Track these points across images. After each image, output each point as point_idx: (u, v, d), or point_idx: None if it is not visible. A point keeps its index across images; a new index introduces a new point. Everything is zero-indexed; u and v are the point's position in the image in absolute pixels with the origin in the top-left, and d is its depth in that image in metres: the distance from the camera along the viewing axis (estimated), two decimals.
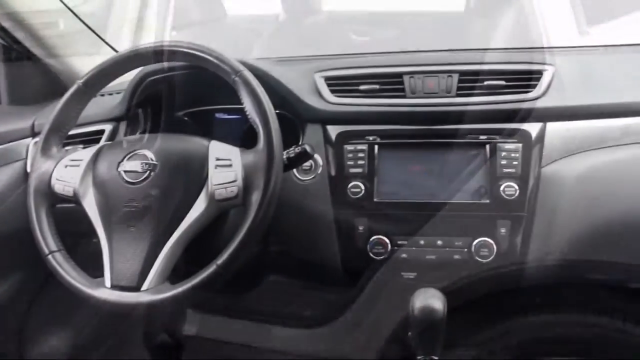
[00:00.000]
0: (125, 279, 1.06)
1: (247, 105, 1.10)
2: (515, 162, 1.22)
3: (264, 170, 1.05)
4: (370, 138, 1.27)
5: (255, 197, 1.05)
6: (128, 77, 1.34)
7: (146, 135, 1.35)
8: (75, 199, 1.14)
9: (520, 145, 1.22)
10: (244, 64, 1.14)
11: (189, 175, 1.10)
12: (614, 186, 1.20)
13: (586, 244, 1.21)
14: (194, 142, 1.14)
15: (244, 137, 1.42)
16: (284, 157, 1.14)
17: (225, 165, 1.09)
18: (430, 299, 1.13)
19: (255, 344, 1.97)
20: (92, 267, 1.12)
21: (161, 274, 1.07)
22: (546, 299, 1.36)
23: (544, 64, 1.30)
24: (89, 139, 1.38)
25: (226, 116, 1.50)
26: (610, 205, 1.20)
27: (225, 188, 1.08)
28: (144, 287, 1.05)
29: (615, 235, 1.21)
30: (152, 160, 1.11)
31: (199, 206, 1.08)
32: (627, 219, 1.20)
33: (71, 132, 1.25)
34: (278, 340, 1.94)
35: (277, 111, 1.33)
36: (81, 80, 1.19)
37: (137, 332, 1.85)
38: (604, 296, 1.47)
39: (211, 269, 1.03)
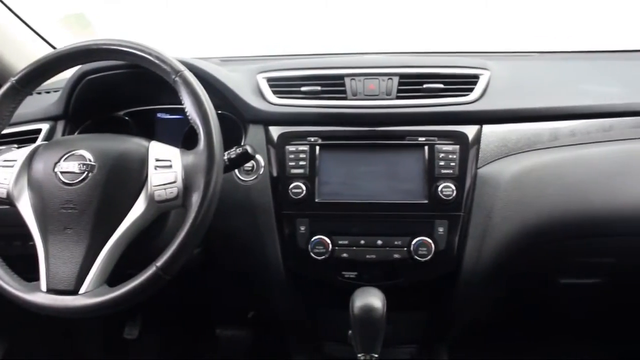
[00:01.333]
0: (62, 282, 1.04)
1: (188, 105, 1.09)
2: (452, 164, 1.25)
3: (204, 171, 1.04)
4: (312, 139, 1.28)
5: (195, 198, 1.04)
6: (66, 75, 1.31)
7: (84, 135, 1.33)
8: (9, 201, 1.10)
9: (457, 147, 1.25)
10: (185, 63, 1.13)
11: (128, 176, 1.08)
12: (543, 187, 1.25)
13: (518, 242, 1.25)
14: (133, 143, 1.12)
15: (187, 138, 1.41)
16: (225, 158, 1.14)
17: (165, 166, 1.08)
18: (369, 298, 1.15)
19: (198, 347, 1.97)
20: (27, 271, 1.09)
21: (99, 277, 1.04)
22: (483, 295, 1.40)
23: (480, 68, 1.34)
24: (24, 139, 1.34)
25: (168, 116, 1.48)
26: (539, 206, 1.25)
27: (165, 189, 1.06)
28: (82, 290, 1.03)
29: (543, 235, 1.26)
30: (90, 160, 1.08)
31: (138, 208, 1.07)
32: (554, 219, 1.25)
33: (5, 132, 1.21)
34: (222, 341, 1.93)
35: (219, 112, 1.33)
36: (15, 78, 1.15)
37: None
38: (536, 290, 1.53)
39: (151, 271, 1.01)
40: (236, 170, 1.31)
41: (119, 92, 1.39)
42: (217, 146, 1.06)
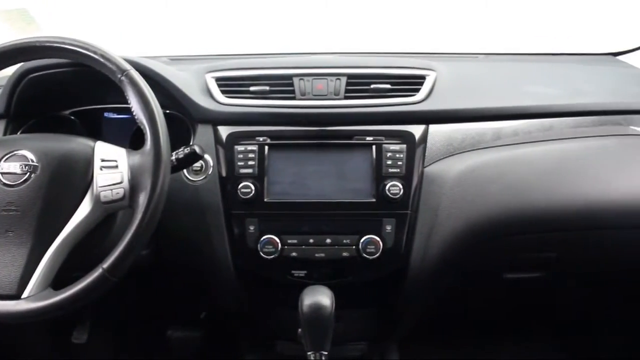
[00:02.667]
0: (3, 286, 1.01)
1: (134, 105, 1.08)
2: (399, 163, 1.27)
3: (150, 171, 1.03)
4: (261, 139, 1.28)
5: (142, 199, 1.03)
6: (7, 72, 1.27)
7: (27, 135, 1.30)
8: None
9: (404, 146, 1.28)
10: (131, 62, 1.12)
11: (72, 177, 1.06)
12: (487, 185, 1.28)
13: (463, 238, 1.29)
14: (78, 143, 1.10)
15: (135, 137, 1.39)
16: (173, 158, 1.13)
17: (111, 167, 1.07)
18: (318, 296, 1.16)
19: (149, 349, 1.94)
20: None
21: (43, 280, 1.02)
22: (431, 292, 1.43)
23: (426, 69, 1.37)
24: None
25: (115, 116, 1.46)
26: (482, 203, 1.28)
27: (111, 190, 1.05)
28: (25, 294, 1.00)
29: (487, 231, 1.30)
30: (32, 161, 1.06)
31: (83, 209, 1.05)
32: (497, 215, 1.29)
33: None
34: (173, 343, 1.92)
35: (168, 111, 1.33)
36: None
37: None
38: (482, 286, 1.58)
39: (97, 273, 1.00)
40: (185, 170, 1.30)
41: (64, 91, 1.36)
42: (164, 146, 1.05)
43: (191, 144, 1.28)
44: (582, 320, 1.96)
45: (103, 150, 1.09)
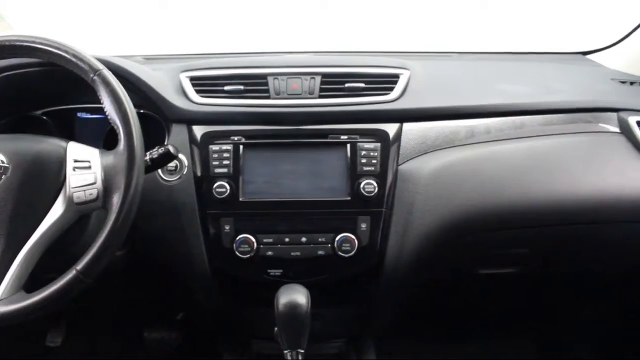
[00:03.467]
0: None
1: (107, 105, 1.07)
2: (374, 161, 1.28)
3: (124, 171, 1.02)
4: (235, 138, 1.28)
5: (116, 200, 1.02)
6: None
7: None
8: None
9: (378, 144, 1.29)
10: (104, 62, 1.11)
11: (44, 178, 1.05)
12: (461, 182, 1.30)
13: (438, 235, 1.30)
14: (50, 143, 1.09)
15: (109, 138, 1.38)
16: (147, 158, 1.13)
17: (84, 167, 1.06)
18: (294, 295, 1.16)
19: (126, 350, 1.93)
20: None
21: (15, 283, 1.01)
22: (407, 288, 1.44)
23: (400, 68, 1.38)
24: None
25: (89, 116, 1.44)
26: (456, 200, 1.30)
27: (84, 191, 1.04)
28: None
29: (461, 228, 1.31)
30: (3, 162, 1.04)
31: (56, 210, 1.04)
32: (471, 212, 1.30)
33: None
34: (150, 344, 1.91)
35: (142, 111, 1.33)
36: None
37: None
38: (457, 281, 1.60)
39: (70, 274, 0.98)
40: (159, 170, 1.29)
41: (36, 90, 1.34)
42: (138, 146, 1.04)
43: (165, 143, 1.27)
44: (554, 316, 1.99)
45: (76, 151, 1.08)
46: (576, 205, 1.32)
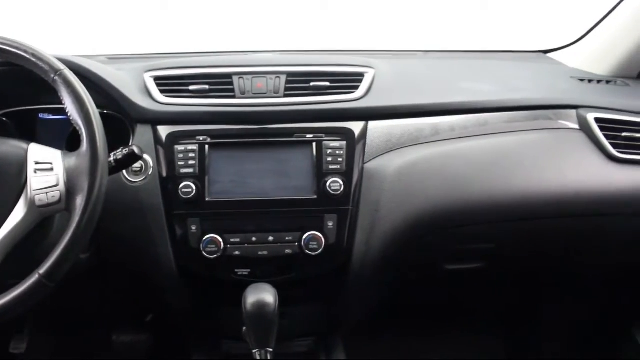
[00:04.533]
0: None
1: (69, 106, 1.05)
2: (340, 159, 1.28)
3: (87, 173, 1.01)
4: (201, 138, 1.28)
5: (80, 202, 1.01)
6: None
7: None
8: None
9: (344, 143, 1.29)
10: (65, 61, 1.10)
11: (4, 181, 1.03)
12: (426, 179, 1.32)
13: (405, 232, 1.31)
14: (10, 145, 1.07)
15: (72, 139, 1.36)
16: (112, 159, 1.11)
17: (46, 169, 1.04)
18: (261, 294, 1.16)
19: (94, 355, 1.90)
20: None
21: None
22: (374, 285, 1.45)
23: (365, 66, 1.39)
24: None
25: (51, 117, 1.42)
26: (422, 197, 1.31)
27: (47, 193, 1.03)
28: None
29: (428, 224, 1.33)
30: None
31: (17, 213, 1.02)
32: (436, 209, 1.32)
33: None
34: (119, 347, 1.88)
35: (105, 112, 1.31)
36: None
37: None
38: (425, 277, 1.61)
39: (33, 279, 0.97)
40: (124, 171, 1.28)
41: None
42: (101, 147, 1.03)
43: (130, 144, 1.26)
44: (521, 312, 2.03)
45: (37, 153, 1.06)
46: (539, 200, 1.35)
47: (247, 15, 1.99)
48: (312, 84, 1.33)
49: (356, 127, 1.32)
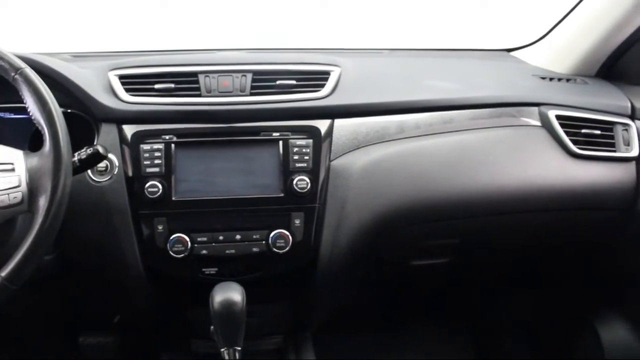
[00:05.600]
0: None
1: (30, 105, 1.04)
2: (306, 157, 1.29)
3: (50, 173, 1.00)
4: (167, 137, 1.27)
5: (43, 202, 0.99)
6: None
7: None
8: None
9: (310, 141, 1.30)
10: (26, 60, 1.08)
11: None
12: (391, 176, 1.33)
13: (371, 228, 1.33)
14: None
15: (35, 138, 1.34)
16: (75, 158, 1.10)
17: (7, 170, 1.02)
18: (228, 292, 1.16)
19: (61, 357, 1.88)
20: None
21: None
22: (342, 282, 1.47)
23: (331, 65, 1.39)
24: None
25: (12, 116, 1.39)
26: (388, 194, 1.33)
27: (8, 194, 1.01)
28: None
29: (393, 221, 1.35)
30: None
31: None
32: (402, 205, 1.34)
33: None
34: (86, 349, 1.86)
35: (69, 110, 1.29)
36: None
37: None
38: (391, 273, 1.63)
39: None
40: (89, 171, 1.26)
41: None
42: (64, 147, 1.02)
43: (95, 143, 1.25)
44: (485, 304, 2.06)
45: None
46: (501, 196, 1.38)
47: (214, 13, 1.98)
48: (278, 82, 1.33)
49: (322, 125, 1.32)
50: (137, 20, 1.97)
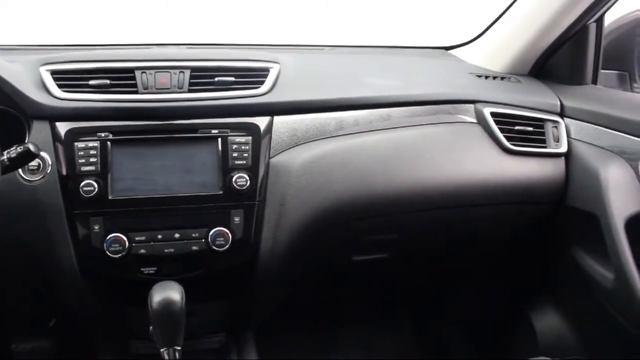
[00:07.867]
0: None
1: None
2: (245, 154, 1.29)
3: None
4: (102, 135, 1.24)
5: None
6: None
7: None
8: None
9: (250, 138, 1.29)
10: None
11: None
12: (331, 173, 1.34)
13: (311, 225, 1.34)
14: None
15: None
16: (5, 157, 1.06)
17: None
18: (167, 292, 1.15)
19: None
20: None
21: None
22: (283, 279, 1.47)
23: (270, 61, 1.39)
24: None
25: None
26: (327, 190, 1.34)
27: None
28: None
29: (333, 217, 1.36)
30: None
31: None
32: (341, 201, 1.35)
33: None
34: (20, 356, 1.80)
35: None
36: None
37: None
38: (333, 269, 1.64)
39: None
40: (20, 170, 1.22)
41: None
42: None
43: (26, 141, 1.21)
44: (424, 296, 2.11)
45: None
46: (438, 191, 1.42)
47: (151, 6, 1.95)
48: (217, 79, 1.31)
49: (262, 122, 1.32)
50: (69, 12, 1.91)
